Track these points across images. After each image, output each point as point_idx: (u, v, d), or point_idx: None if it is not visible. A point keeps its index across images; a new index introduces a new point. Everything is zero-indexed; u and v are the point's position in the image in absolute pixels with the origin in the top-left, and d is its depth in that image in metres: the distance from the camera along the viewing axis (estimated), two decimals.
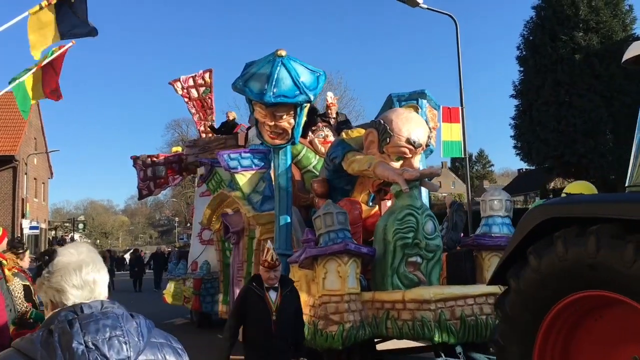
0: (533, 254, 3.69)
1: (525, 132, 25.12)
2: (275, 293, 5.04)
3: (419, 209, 6.82)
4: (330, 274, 6.64)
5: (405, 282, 6.69)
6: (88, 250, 2.00)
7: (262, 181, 8.74)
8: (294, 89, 7.07)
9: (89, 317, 1.79)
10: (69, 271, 1.89)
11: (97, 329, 1.75)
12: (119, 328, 1.79)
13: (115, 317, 1.82)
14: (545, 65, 24.00)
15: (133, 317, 1.88)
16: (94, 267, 1.93)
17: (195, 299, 11.15)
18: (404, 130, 7.30)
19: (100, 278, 1.95)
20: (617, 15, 22.64)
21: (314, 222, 6.98)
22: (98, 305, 1.85)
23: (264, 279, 5.01)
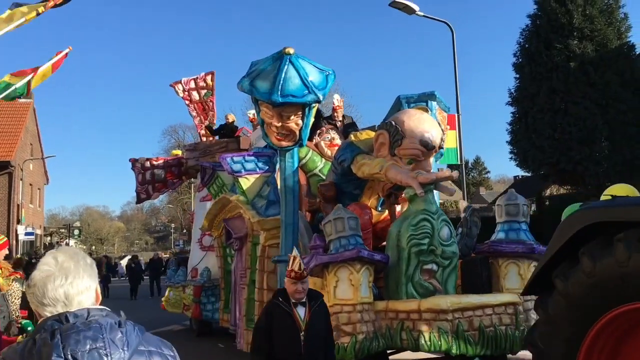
0: (587, 256, 3.26)
1: (520, 139, 24.79)
2: (304, 309, 4.38)
3: (434, 213, 6.39)
4: (341, 283, 6.19)
5: (421, 290, 6.25)
6: (65, 259, 1.87)
7: (266, 185, 8.28)
8: (302, 89, 6.63)
9: (70, 329, 1.71)
10: (39, 288, 1.82)
11: (77, 341, 1.67)
12: (101, 339, 1.70)
13: (97, 327, 1.72)
14: (540, 72, 23.71)
15: (120, 326, 1.77)
16: (65, 281, 1.82)
17: (196, 307, 10.62)
18: (417, 131, 6.89)
19: (75, 290, 1.83)
20: (611, 23, 22.36)
21: (324, 227, 6.54)
22: (84, 313, 1.77)
23: (291, 292, 4.36)
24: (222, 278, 10.09)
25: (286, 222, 7.39)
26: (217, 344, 10.47)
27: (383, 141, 7.08)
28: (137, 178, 12.68)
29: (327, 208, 7.72)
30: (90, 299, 1.87)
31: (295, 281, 4.33)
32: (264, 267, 7.97)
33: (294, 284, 4.34)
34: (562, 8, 22.73)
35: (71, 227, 53.01)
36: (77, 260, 1.90)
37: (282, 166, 7.33)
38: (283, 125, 6.88)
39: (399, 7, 18.49)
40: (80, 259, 1.91)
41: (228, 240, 9.13)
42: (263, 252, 7.99)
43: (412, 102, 8.28)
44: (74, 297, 1.82)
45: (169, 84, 12.53)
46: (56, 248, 2.03)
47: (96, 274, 1.95)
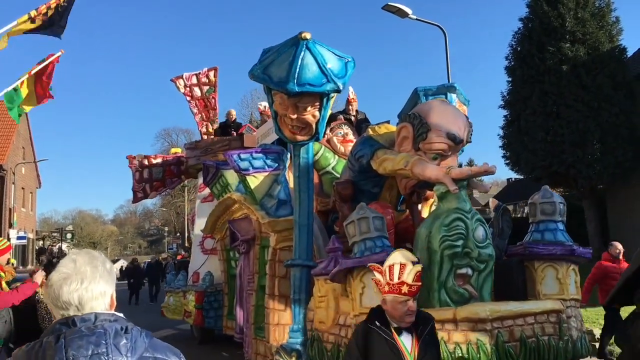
0: None
1: (513, 142, 24.26)
2: (410, 337, 3.18)
3: (467, 212, 5.61)
4: (368, 289, 5.40)
5: (455, 297, 5.47)
6: (83, 264, 1.83)
7: (276, 184, 7.46)
8: (320, 77, 5.83)
9: (74, 333, 1.68)
10: (54, 290, 1.79)
11: (80, 346, 1.64)
12: (103, 345, 1.67)
13: (101, 333, 1.69)
14: (532, 76, 23.20)
15: (126, 332, 1.73)
16: (80, 285, 1.79)
17: (198, 314, 9.73)
18: (443, 124, 6.14)
19: (90, 295, 1.79)
20: (603, 26, 21.88)
21: (346, 228, 5.75)
22: (92, 318, 1.75)
23: (398, 315, 3.13)
24: (225, 283, 9.25)
25: (300, 223, 6.59)
26: (221, 352, 9.63)
27: (406, 135, 6.32)
28: (134, 176, 11.80)
29: (343, 208, 6.94)
30: (104, 305, 1.82)
31: (406, 298, 3.11)
32: (274, 272, 7.16)
33: (402, 303, 3.10)
34: (554, 11, 22.24)
35: (64, 231, 51.62)
36: (95, 265, 1.85)
37: (296, 162, 6.52)
38: (298, 118, 6.08)
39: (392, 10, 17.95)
40: (99, 264, 1.86)
41: (233, 243, 8.30)
42: (274, 255, 7.19)
43: (430, 94, 7.54)
44: (87, 302, 1.78)
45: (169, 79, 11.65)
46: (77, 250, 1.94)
47: (114, 279, 1.90)
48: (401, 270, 3.17)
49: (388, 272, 3.19)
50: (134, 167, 11.69)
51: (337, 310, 5.98)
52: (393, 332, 3.15)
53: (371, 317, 3.28)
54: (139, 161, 11.70)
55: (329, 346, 6.00)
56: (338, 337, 5.85)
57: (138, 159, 11.74)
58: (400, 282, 3.11)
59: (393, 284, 3.13)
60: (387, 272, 3.19)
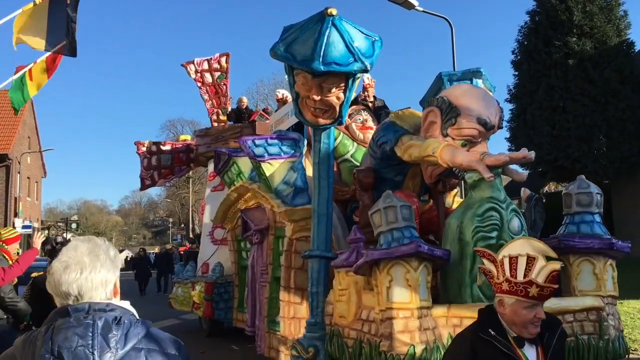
0: None
1: (519, 136, 23.79)
2: (534, 349, 2.48)
3: (502, 202, 5.16)
4: (396, 283, 4.93)
5: (488, 292, 4.99)
6: (84, 252, 1.75)
7: (292, 171, 6.99)
8: (347, 56, 5.34)
9: (64, 324, 1.61)
10: (55, 278, 1.73)
11: (65, 338, 1.57)
12: (89, 337, 1.58)
13: (89, 324, 1.60)
14: (539, 70, 22.70)
15: (119, 323, 1.63)
16: (80, 275, 1.70)
17: (207, 305, 9.23)
18: (474, 108, 5.68)
19: (90, 284, 1.71)
20: (611, 20, 21.35)
21: (371, 217, 5.28)
22: (85, 307, 1.67)
23: (519, 323, 2.45)
24: (236, 274, 8.77)
25: (319, 212, 6.11)
26: (231, 345, 9.18)
27: (433, 119, 5.85)
28: (142, 163, 11.29)
29: (363, 197, 6.48)
30: (106, 294, 1.74)
31: (534, 303, 2.41)
32: (290, 263, 6.70)
33: (529, 308, 2.42)
34: (561, 5, 21.70)
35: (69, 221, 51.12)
36: (96, 253, 1.77)
37: (317, 148, 6.05)
38: (322, 99, 5.59)
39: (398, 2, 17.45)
40: (101, 252, 1.78)
41: (245, 232, 7.83)
42: (290, 246, 6.72)
43: (454, 79, 7.07)
44: (87, 292, 1.71)
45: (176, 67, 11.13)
46: (81, 236, 1.87)
47: (117, 267, 1.82)
48: (529, 266, 2.44)
49: (509, 265, 2.51)
50: (143, 153, 11.20)
51: (359, 304, 5.52)
52: (512, 343, 2.45)
53: (482, 322, 2.59)
54: (148, 147, 11.22)
55: (350, 342, 5.55)
56: (360, 333, 5.40)
57: (147, 146, 11.25)
58: (528, 282, 2.40)
59: (516, 282, 2.42)
60: (507, 265, 2.51)
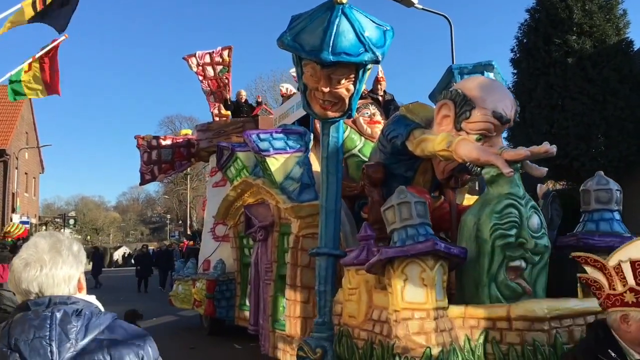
0: None
1: (517, 135, 23.51)
2: None
3: (521, 198, 4.89)
4: (411, 282, 4.66)
5: (507, 293, 4.75)
6: (45, 248, 1.68)
7: (298, 166, 6.71)
8: (357, 46, 5.07)
9: (20, 317, 1.58)
10: (15, 276, 1.66)
11: (22, 330, 1.55)
12: (46, 329, 1.54)
13: (46, 316, 1.56)
14: (538, 68, 22.44)
15: (79, 315, 1.59)
16: (40, 272, 1.65)
17: (209, 303, 8.92)
18: (489, 101, 5.41)
19: (51, 281, 1.65)
20: (610, 19, 21.10)
21: (384, 213, 5.00)
22: (45, 301, 1.62)
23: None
24: (238, 272, 8.49)
25: (327, 208, 5.84)
26: (233, 344, 8.90)
27: (447, 113, 5.58)
28: (141, 157, 10.97)
29: (373, 193, 6.20)
30: (69, 290, 1.67)
31: None
32: (297, 261, 6.42)
33: None
34: (561, 3, 21.43)
35: (66, 217, 50.68)
36: (58, 249, 1.69)
37: (325, 142, 5.78)
38: (331, 91, 5.32)
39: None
40: (63, 248, 1.70)
41: (248, 229, 7.55)
42: (296, 243, 6.44)
43: (465, 72, 6.82)
44: (48, 289, 1.65)
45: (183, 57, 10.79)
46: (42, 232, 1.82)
47: (81, 262, 1.74)
48: None
49: (632, 271, 2.12)
50: (142, 148, 10.91)
51: (370, 304, 5.26)
52: None
53: (598, 341, 2.21)
54: (148, 142, 10.91)
55: (360, 343, 5.28)
56: (371, 334, 5.13)
57: (147, 140, 10.94)
58: None
59: None
60: (630, 271, 2.13)
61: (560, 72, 21.19)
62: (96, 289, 20.64)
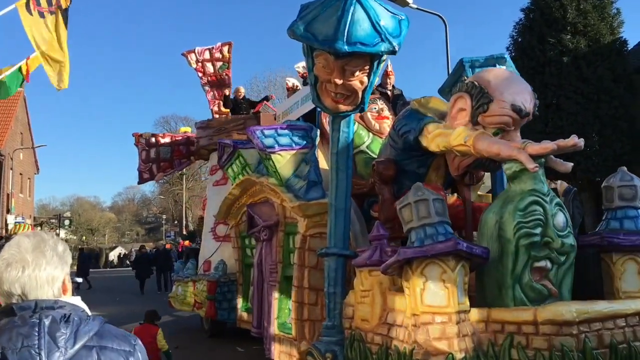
0: None
1: None
2: None
3: (545, 195, 4.57)
4: (431, 284, 4.32)
5: (532, 295, 4.42)
6: (27, 248, 1.58)
7: (304, 163, 6.36)
8: (373, 35, 4.72)
9: (8, 324, 1.49)
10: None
11: (9, 338, 1.45)
12: (35, 337, 1.46)
13: (35, 324, 1.48)
14: (533, 67, 22.22)
15: (67, 321, 1.50)
16: (22, 273, 1.55)
17: (210, 305, 8.53)
18: (507, 93, 5.09)
19: (34, 283, 1.56)
20: (604, 18, 20.92)
21: (400, 212, 4.66)
22: (31, 305, 1.53)
23: None
24: (240, 273, 8.11)
25: (337, 206, 5.49)
26: (235, 347, 8.52)
27: (463, 106, 5.25)
28: (140, 155, 10.57)
29: (383, 190, 5.87)
30: (53, 292, 1.59)
31: None
32: (304, 262, 6.07)
33: None
34: (556, 2, 21.22)
35: (62, 218, 49.98)
36: (42, 249, 1.60)
37: (335, 137, 5.42)
38: (344, 83, 4.97)
39: None
40: (46, 248, 1.61)
41: (251, 229, 7.18)
42: (303, 243, 6.09)
43: (477, 65, 6.49)
44: (32, 291, 1.57)
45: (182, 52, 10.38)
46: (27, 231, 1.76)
47: (66, 263, 1.66)
48: None
49: None
50: (141, 146, 10.51)
51: (385, 307, 4.92)
52: None
53: None
54: (146, 140, 10.52)
55: (374, 348, 4.94)
56: (386, 338, 4.79)
57: (145, 138, 10.55)
58: None
59: None
60: None
61: (554, 71, 20.98)
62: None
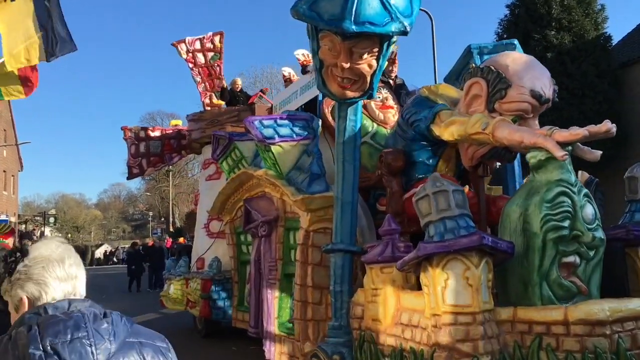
0: None
1: None
2: None
3: (573, 185, 4.18)
4: (453, 281, 3.90)
5: (560, 292, 4.02)
6: (66, 246, 1.69)
7: (306, 155, 5.90)
8: (383, 14, 4.28)
9: (49, 319, 1.45)
10: (51, 262, 1.61)
11: (57, 332, 1.41)
12: (83, 329, 1.43)
13: (80, 317, 1.46)
14: None
15: (105, 317, 1.51)
16: (75, 261, 1.66)
17: (204, 304, 8.04)
18: (527, 78, 4.72)
19: (81, 274, 1.67)
20: (589, 14, 20.75)
21: (417, 204, 4.23)
22: (65, 304, 1.52)
23: None
24: (235, 270, 7.63)
25: (343, 200, 5.06)
26: (231, 347, 8.04)
27: (478, 92, 4.85)
28: (129, 150, 9.99)
29: (391, 182, 5.43)
30: (84, 289, 1.67)
31: None
32: (307, 259, 5.62)
33: None
34: None
35: (47, 215, 48.80)
36: (72, 249, 1.69)
37: (342, 125, 4.98)
38: (351, 67, 4.52)
39: None
40: (70, 250, 1.68)
41: (247, 224, 6.71)
42: (306, 239, 5.63)
43: (485, 52, 6.11)
44: (80, 280, 1.65)
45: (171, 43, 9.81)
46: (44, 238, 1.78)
47: (82, 266, 1.70)
48: None
49: None
50: (130, 140, 9.95)
51: (398, 306, 4.49)
52: None
53: None
54: (135, 134, 9.95)
55: (387, 350, 4.51)
56: (401, 340, 4.36)
57: (134, 131, 9.99)
58: None
59: None
60: None
61: None
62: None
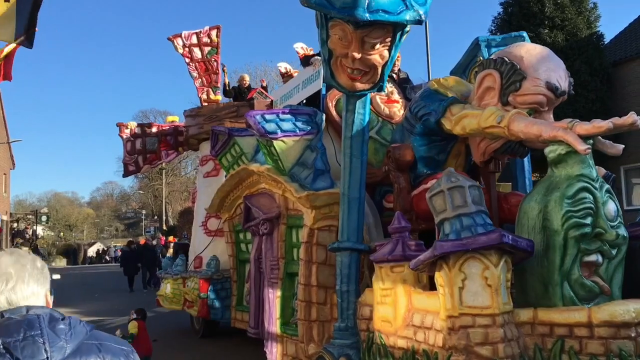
0: None
1: None
2: None
3: (594, 181, 3.96)
4: (471, 282, 3.67)
5: (582, 293, 3.80)
6: (9, 264, 1.55)
7: (309, 150, 5.64)
8: (397, 2, 4.04)
9: (4, 321, 1.44)
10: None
11: (11, 332, 1.40)
12: (37, 328, 1.41)
13: (34, 318, 1.44)
14: None
15: (63, 320, 1.48)
16: (5, 286, 1.52)
17: (202, 304, 7.74)
18: (542, 70, 4.49)
19: (20, 295, 1.52)
20: (581, 12, 20.66)
21: (431, 200, 4.00)
22: (23, 310, 1.49)
23: None
24: (234, 269, 7.36)
25: (350, 196, 4.81)
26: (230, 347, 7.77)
27: (491, 85, 4.63)
28: (125, 146, 9.68)
29: (399, 178, 5.19)
30: (39, 304, 1.56)
31: None
32: (311, 257, 5.36)
33: None
34: None
35: (39, 213, 48.17)
36: (22, 264, 1.58)
37: (349, 119, 4.73)
38: (363, 58, 4.28)
39: None
40: (27, 263, 1.59)
41: (247, 222, 6.44)
42: (310, 237, 5.37)
43: (493, 45, 5.90)
44: (17, 304, 1.52)
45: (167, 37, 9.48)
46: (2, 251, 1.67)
47: (46, 279, 1.63)
48: None
49: None
50: (126, 136, 9.64)
51: (409, 307, 4.26)
52: None
53: None
54: (131, 130, 9.66)
55: (397, 353, 4.28)
56: (413, 342, 4.13)
57: (130, 128, 9.69)
58: None
59: None
60: None
61: None
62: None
